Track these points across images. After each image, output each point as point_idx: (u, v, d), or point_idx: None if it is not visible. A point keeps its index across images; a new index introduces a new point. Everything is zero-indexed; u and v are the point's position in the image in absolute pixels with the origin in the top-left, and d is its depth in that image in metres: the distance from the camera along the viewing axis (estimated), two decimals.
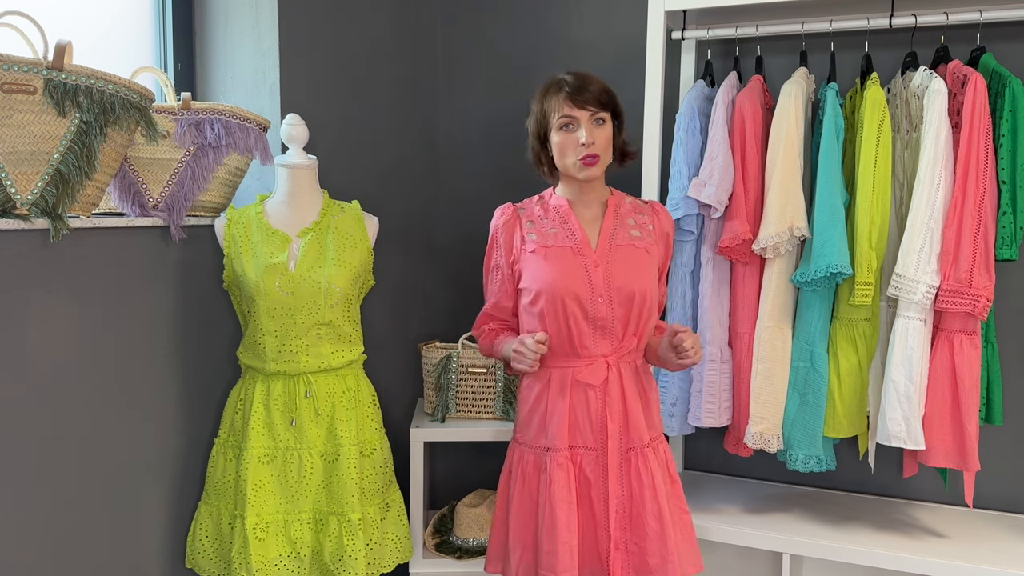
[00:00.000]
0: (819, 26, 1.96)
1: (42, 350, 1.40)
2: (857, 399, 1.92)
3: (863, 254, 1.82)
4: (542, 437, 1.70)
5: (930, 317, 1.81)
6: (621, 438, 1.67)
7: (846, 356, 1.91)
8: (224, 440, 1.77)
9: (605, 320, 1.65)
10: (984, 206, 1.73)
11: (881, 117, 1.80)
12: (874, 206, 1.82)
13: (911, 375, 1.80)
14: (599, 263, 1.67)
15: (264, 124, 1.81)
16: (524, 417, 1.74)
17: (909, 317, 1.80)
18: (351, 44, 2.24)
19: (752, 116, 1.92)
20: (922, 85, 1.82)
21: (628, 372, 1.69)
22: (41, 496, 1.42)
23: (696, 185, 1.93)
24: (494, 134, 2.61)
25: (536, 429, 1.71)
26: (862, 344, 1.91)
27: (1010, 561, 1.80)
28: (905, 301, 1.80)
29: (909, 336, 1.80)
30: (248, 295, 1.71)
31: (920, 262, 1.76)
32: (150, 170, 1.66)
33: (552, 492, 1.65)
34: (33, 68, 1.28)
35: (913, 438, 1.80)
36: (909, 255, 1.77)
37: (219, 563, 1.74)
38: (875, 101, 1.81)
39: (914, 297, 1.77)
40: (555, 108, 1.64)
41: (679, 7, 1.98)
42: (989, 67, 1.80)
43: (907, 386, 1.80)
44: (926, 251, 1.76)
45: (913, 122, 1.87)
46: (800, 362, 1.94)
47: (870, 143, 1.80)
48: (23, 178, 1.30)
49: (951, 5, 1.89)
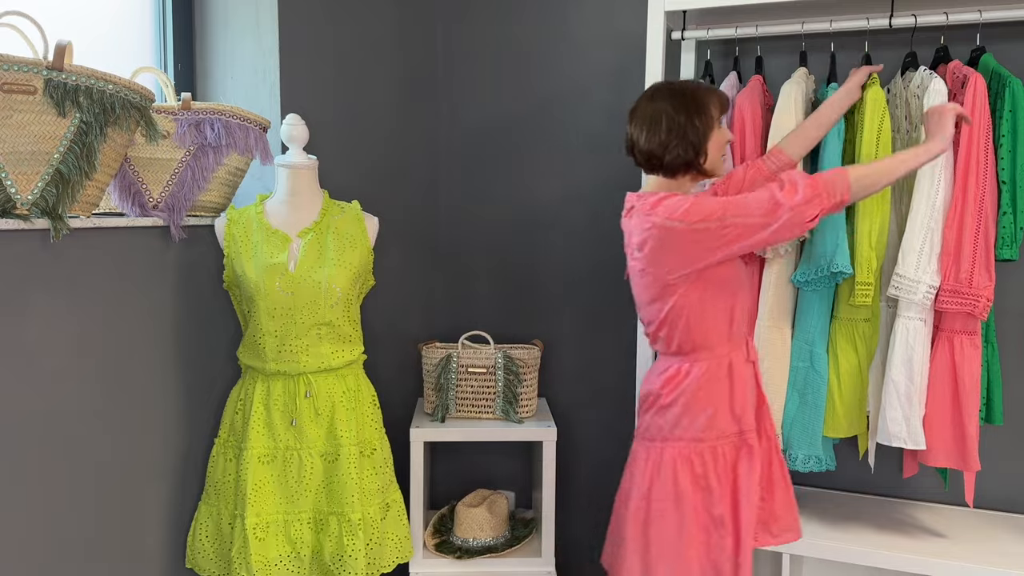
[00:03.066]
0: (819, 26, 1.96)
1: (42, 350, 1.40)
2: (857, 399, 1.92)
3: (863, 254, 1.82)
4: (727, 422, 1.69)
5: (930, 317, 1.81)
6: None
7: (846, 356, 1.91)
8: (224, 440, 1.77)
9: (748, 302, 1.80)
10: (984, 206, 1.73)
11: (881, 117, 1.81)
12: (874, 206, 1.82)
13: (911, 375, 1.80)
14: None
15: (264, 124, 1.81)
16: (689, 408, 1.68)
17: (909, 317, 1.80)
18: (351, 44, 2.24)
19: (752, 116, 1.92)
20: (922, 85, 1.82)
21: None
22: (41, 496, 1.41)
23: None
24: (494, 133, 2.62)
25: (705, 418, 1.67)
26: (862, 344, 1.91)
27: (1010, 561, 1.80)
28: (905, 301, 1.80)
29: (910, 336, 1.80)
30: (248, 295, 1.71)
31: (920, 262, 1.77)
32: (150, 170, 1.66)
33: (749, 484, 1.66)
34: (33, 68, 1.28)
35: (913, 438, 1.80)
36: (909, 255, 1.77)
37: (219, 563, 1.74)
38: (875, 101, 1.81)
39: (915, 297, 1.77)
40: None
41: (679, 7, 1.98)
42: (989, 67, 1.80)
43: (907, 386, 1.80)
44: (926, 251, 1.77)
45: (913, 122, 1.87)
46: (800, 362, 1.94)
47: (870, 143, 1.80)
48: (23, 178, 1.30)
49: (951, 5, 1.89)
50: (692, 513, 1.66)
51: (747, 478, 1.66)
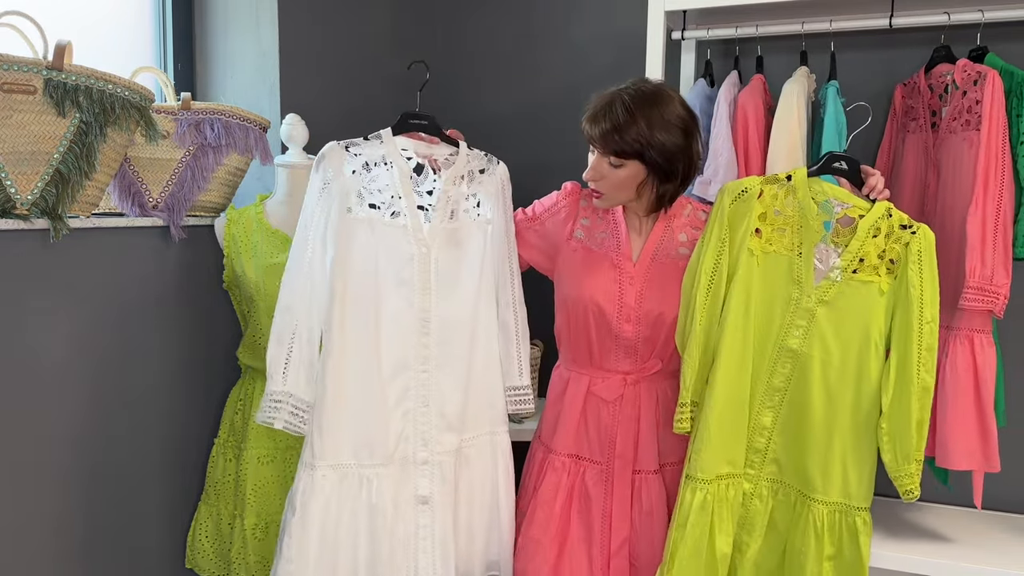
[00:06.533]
0: (819, 26, 1.96)
1: (42, 350, 1.40)
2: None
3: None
4: (551, 437, 1.68)
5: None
6: (631, 459, 1.62)
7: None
8: (224, 440, 1.77)
9: (630, 340, 1.60)
10: (1003, 203, 1.73)
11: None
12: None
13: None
14: (635, 279, 1.60)
15: (264, 124, 1.81)
16: (544, 412, 1.74)
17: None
18: (351, 44, 2.24)
19: (755, 115, 1.92)
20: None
21: (648, 393, 1.62)
22: (41, 496, 1.41)
23: (701, 183, 1.93)
24: (494, 133, 2.61)
25: (547, 427, 1.71)
26: None
27: (1011, 562, 1.80)
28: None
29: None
30: (248, 295, 1.71)
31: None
32: (150, 170, 1.66)
33: (539, 493, 1.64)
34: (33, 68, 1.28)
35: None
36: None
37: (219, 563, 1.74)
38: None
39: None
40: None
41: (679, 7, 1.97)
42: (998, 66, 1.79)
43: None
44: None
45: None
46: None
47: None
48: (23, 178, 1.30)
49: (951, 5, 1.88)
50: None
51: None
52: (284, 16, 1.96)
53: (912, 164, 1.93)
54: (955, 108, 1.80)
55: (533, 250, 1.73)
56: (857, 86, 2.02)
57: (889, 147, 2.01)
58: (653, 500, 1.62)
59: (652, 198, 1.59)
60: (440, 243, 1.59)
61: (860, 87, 2.02)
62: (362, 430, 1.50)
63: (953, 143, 1.81)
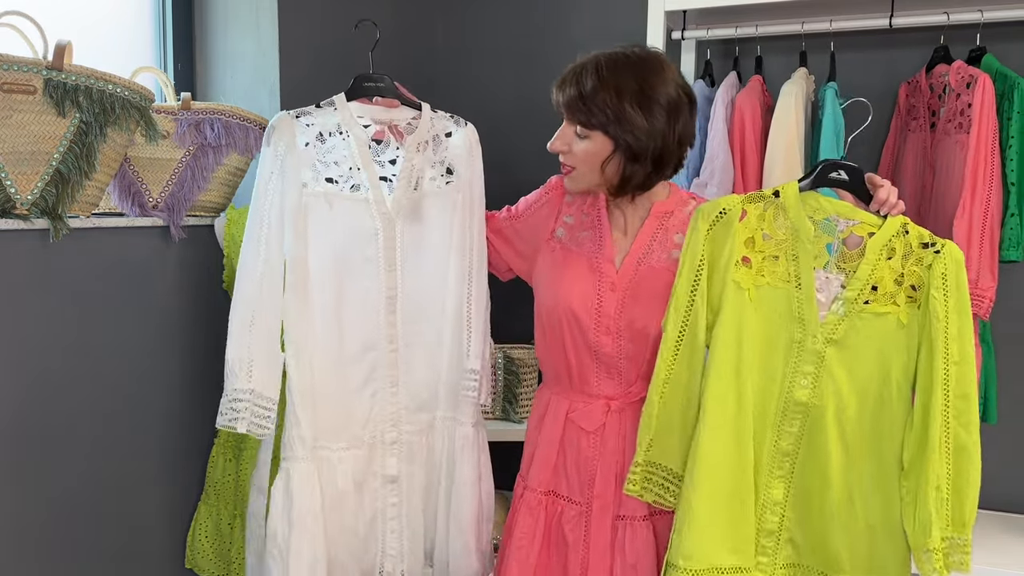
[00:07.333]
0: (819, 26, 1.96)
1: (42, 350, 1.40)
2: None
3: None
4: (527, 469, 1.51)
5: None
6: (612, 501, 1.41)
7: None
8: (224, 440, 1.76)
9: (611, 357, 1.39)
10: (991, 207, 1.73)
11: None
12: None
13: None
14: (616, 286, 1.39)
15: (264, 124, 1.80)
16: (526, 438, 1.57)
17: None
18: (351, 44, 2.24)
19: (752, 116, 1.92)
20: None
21: (635, 423, 1.37)
22: (41, 496, 1.41)
23: (697, 186, 1.93)
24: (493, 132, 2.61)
25: (525, 457, 1.54)
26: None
27: (1011, 562, 1.80)
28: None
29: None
30: None
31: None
32: (150, 170, 1.66)
33: (511, 540, 1.47)
34: (33, 68, 1.28)
35: None
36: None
37: (219, 563, 1.74)
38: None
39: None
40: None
41: (679, 7, 1.98)
42: (993, 68, 1.79)
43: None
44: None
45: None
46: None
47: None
48: (23, 178, 1.30)
49: (951, 5, 1.88)
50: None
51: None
52: (284, 16, 1.96)
53: (911, 164, 1.94)
54: (950, 110, 1.80)
55: (511, 251, 1.59)
56: (857, 86, 2.02)
57: (893, 145, 2.01)
58: (639, 551, 1.39)
59: (616, 181, 1.37)
60: (405, 216, 1.49)
61: (860, 87, 2.02)
62: (329, 414, 1.44)
63: (947, 145, 1.81)
